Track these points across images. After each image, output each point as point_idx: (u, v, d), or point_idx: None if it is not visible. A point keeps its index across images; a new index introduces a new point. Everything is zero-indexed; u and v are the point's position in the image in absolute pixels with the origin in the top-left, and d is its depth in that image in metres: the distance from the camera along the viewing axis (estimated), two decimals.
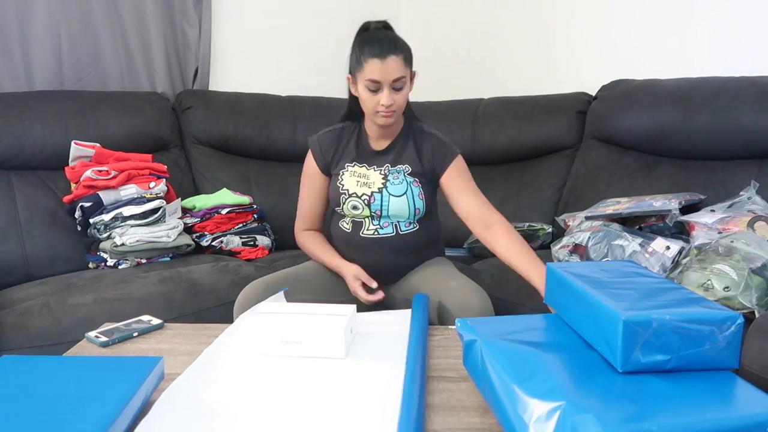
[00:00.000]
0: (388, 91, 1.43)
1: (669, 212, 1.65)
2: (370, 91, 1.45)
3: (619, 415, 0.69)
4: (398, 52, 1.43)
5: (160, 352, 1.18)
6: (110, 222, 1.88)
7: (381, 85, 1.43)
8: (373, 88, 1.44)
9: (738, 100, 1.85)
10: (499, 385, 0.83)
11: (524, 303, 1.68)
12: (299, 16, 2.75)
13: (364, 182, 1.55)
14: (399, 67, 1.43)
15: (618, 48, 2.36)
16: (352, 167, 1.57)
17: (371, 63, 1.42)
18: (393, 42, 1.45)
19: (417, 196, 1.53)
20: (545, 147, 2.33)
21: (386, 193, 1.53)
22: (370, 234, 1.55)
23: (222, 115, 2.39)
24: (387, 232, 1.55)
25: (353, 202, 1.54)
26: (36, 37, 2.16)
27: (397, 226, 1.56)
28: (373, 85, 1.43)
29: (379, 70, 1.42)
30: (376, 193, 1.53)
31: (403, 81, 1.45)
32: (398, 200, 1.52)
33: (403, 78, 1.45)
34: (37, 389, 0.88)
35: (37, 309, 1.55)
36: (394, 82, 1.43)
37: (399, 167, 1.55)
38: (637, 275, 0.97)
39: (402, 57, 1.44)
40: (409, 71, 1.49)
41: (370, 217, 1.55)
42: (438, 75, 3.01)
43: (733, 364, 0.79)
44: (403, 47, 1.46)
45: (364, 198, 1.53)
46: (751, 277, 1.31)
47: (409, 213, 1.53)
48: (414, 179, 1.54)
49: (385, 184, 1.53)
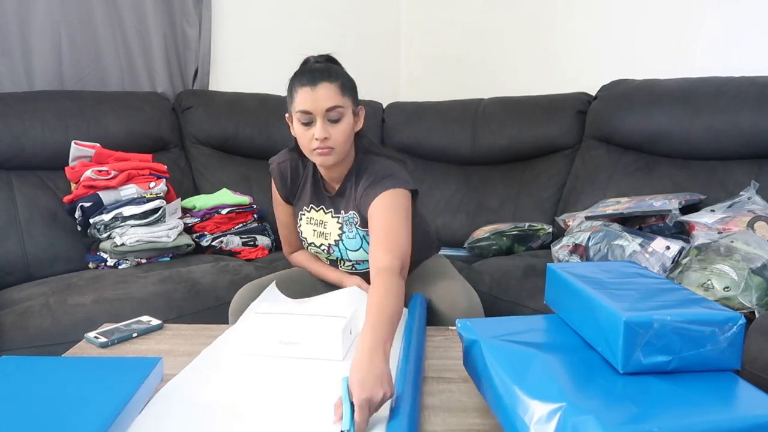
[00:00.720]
0: (321, 122, 1.29)
1: (669, 212, 1.65)
2: (302, 124, 1.31)
3: (620, 416, 0.69)
4: (332, 80, 1.30)
5: (160, 352, 1.18)
6: (110, 222, 1.88)
7: (313, 117, 1.29)
8: (305, 120, 1.30)
9: (738, 100, 1.85)
10: (499, 386, 0.82)
11: (525, 303, 1.68)
12: (299, 17, 2.75)
13: (320, 232, 1.48)
14: (332, 95, 1.29)
15: (618, 48, 2.36)
16: (308, 212, 1.50)
17: (301, 92, 1.29)
18: (327, 71, 1.32)
19: None
20: (545, 147, 2.33)
21: (342, 246, 1.47)
22: (348, 269, 1.52)
23: (222, 115, 2.39)
24: (364, 268, 1.49)
25: (314, 250, 1.52)
26: (36, 37, 2.15)
27: None
28: (305, 117, 1.30)
29: (309, 99, 1.28)
30: (333, 246, 1.48)
31: (339, 111, 1.30)
32: (356, 253, 1.46)
33: (339, 108, 1.29)
34: (37, 389, 0.88)
35: (37, 309, 1.55)
36: (328, 112, 1.29)
37: (350, 215, 1.43)
38: (637, 275, 0.97)
39: (337, 84, 1.30)
40: (350, 103, 1.33)
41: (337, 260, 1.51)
42: (438, 75, 3.02)
43: (735, 364, 0.79)
44: (339, 76, 1.32)
45: (323, 248, 1.50)
46: (751, 277, 1.31)
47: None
48: (365, 230, 1.43)
49: (340, 236, 1.45)
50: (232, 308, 1.47)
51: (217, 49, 2.58)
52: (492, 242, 2.08)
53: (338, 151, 1.33)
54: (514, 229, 2.09)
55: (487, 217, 2.28)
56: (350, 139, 1.36)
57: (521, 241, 2.09)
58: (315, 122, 1.30)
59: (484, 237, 2.09)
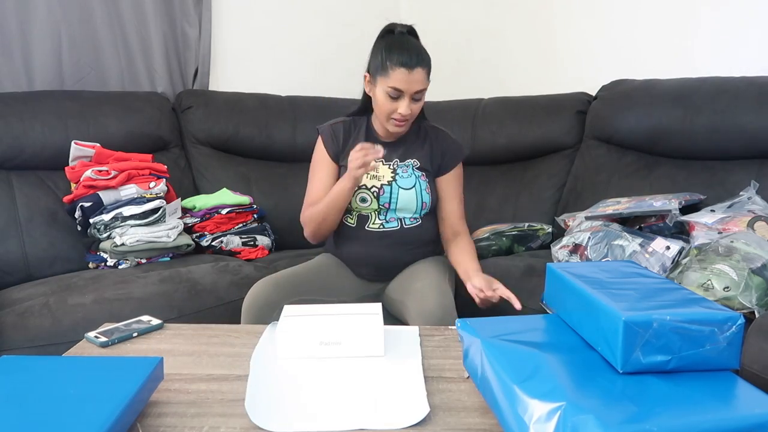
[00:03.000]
0: (408, 101, 1.45)
1: (669, 212, 1.64)
2: (390, 97, 1.46)
3: (619, 415, 0.69)
4: (424, 65, 1.45)
5: (160, 352, 1.18)
6: (110, 222, 1.88)
7: (403, 95, 1.44)
8: (394, 96, 1.45)
9: (738, 100, 1.85)
10: (499, 386, 0.83)
11: (525, 303, 1.68)
12: (299, 16, 2.75)
13: (373, 174, 1.56)
14: (423, 80, 1.45)
15: (618, 48, 2.36)
16: None
17: (398, 71, 1.42)
18: (421, 53, 1.46)
19: (425, 190, 1.56)
20: (545, 147, 2.33)
21: (395, 185, 1.54)
22: (375, 228, 1.56)
23: (222, 115, 2.39)
24: (392, 226, 1.57)
25: (362, 194, 1.55)
26: (36, 37, 2.15)
27: (402, 221, 1.57)
28: (395, 93, 1.44)
29: (405, 80, 1.42)
30: (386, 186, 1.54)
31: (423, 93, 1.48)
32: (407, 193, 1.54)
33: (424, 90, 1.48)
34: (37, 389, 0.88)
35: (37, 309, 1.55)
36: (416, 93, 1.45)
37: (408, 161, 1.57)
38: (637, 275, 0.97)
39: (427, 70, 1.46)
40: (428, 83, 1.51)
41: (377, 210, 1.56)
42: (438, 75, 3.00)
43: (734, 364, 0.79)
44: (428, 60, 1.48)
45: (373, 190, 1.54)
46: (751, 277, 1.31)
47: (416, 206, 1.55)
48: (422, 173, 1.57)
49: (394, 177, 1.55)
50: (245, 306, 1.46)
51: (217, 49, 2.58)
52: (492, 242, 2.07)
53: (410, 122, 1.52)
54: (513, 230, 2.09)
55: (487, 217, 2.28)
56: None
57: (521, 241, 2.09)
58: (402, 98, 1.45)
59: (483, 237, 2.09)
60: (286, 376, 1.07)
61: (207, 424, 0.91)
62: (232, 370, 1.10)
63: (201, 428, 0.90)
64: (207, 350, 1.20)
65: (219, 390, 1.03)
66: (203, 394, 1.01)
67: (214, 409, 0.96)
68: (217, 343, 1.23)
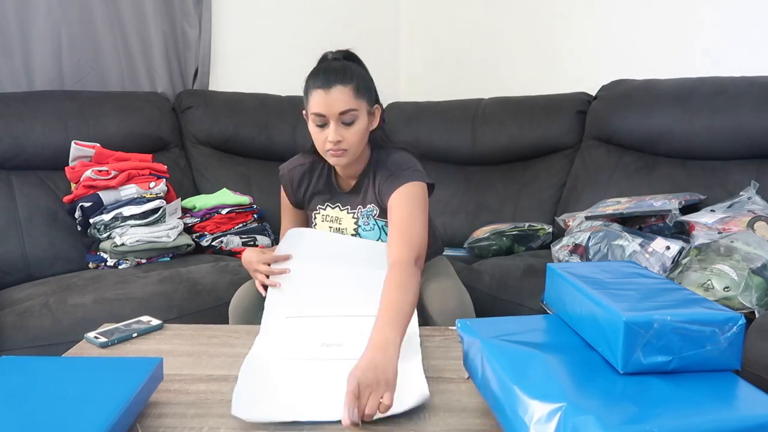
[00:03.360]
0: (334, 126, 1.30)
1: (669, 212, 1.65)
2: (317, 126, 1.33)
3: (620, 416, 0.69)
4: (346, 82, 1.29)
5: (160, 352, 1.18)
6: (110, 222, 1.88)
7: (327, 119, 1.30)
8: (319, 123, 1.32)
9: (738, 100, 1.85)
10: (499, 386, 0.83)
11: (525, 303, 1.68)
12: (299, 16, 2.75)
13: (336, 228, 1.49)
14: (346, 99, 1.29)
15: (618, 48, 2.36)
16: (324, 210, 1.51)
17: (315, 94, 1.30)
18: (342, 71, 1.31)
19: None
20: (545, 147, 2.33)
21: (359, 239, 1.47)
22: None
23: (222, 115, 2.39)
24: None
25: None
26: (36, 37, 2.15)
27: None
28: (319, 120, 1.31)
29: (322, 102, 1.29)
30: None
31: (353, 114, 1.31)
32: None
33: (353, 111, 1.31)
34: (37, 389, 0.88)
35: (37, 309, 1.55)
36: (342, 115, 1.30)
37: (368, 209, 1.47)
38: (637, 276, 0.97)
39: (351, 87, 1.30)
40: (365, 104, 1.34)
41: None
42: (438, 75, 3.02)
43: (735, 365, 0.79)
44: (354, 77, 1.32)
45: None
46: (751, 277, 1.31)
47: None
48: (384, 221, 1.45)
49: (357, 230, 1.47)
50: (232, 307, 1.47)
51: (217, 49, 2.58)
52: (492, 242, 2.08)
53: (351, 152, 1.35)
54: (514, 229, 2.09)
55: (487, 217, 2.28)
56: (364, 140, 1.38)
57: (521, 241, 2.09)
58: (329, 125, 1.31)
59: (484, 237, 2.09)
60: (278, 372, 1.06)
61: (207, 425, 0.91)
62: (232, 370, 1.10)
63: (201, 428, 0.90)
64: (207, 350, 1.20)
65: (219, 390, 1.02)
66: (203, 394, 1.01)
67: (214, 409, 0.96)
68: (217, 344, 1.23)
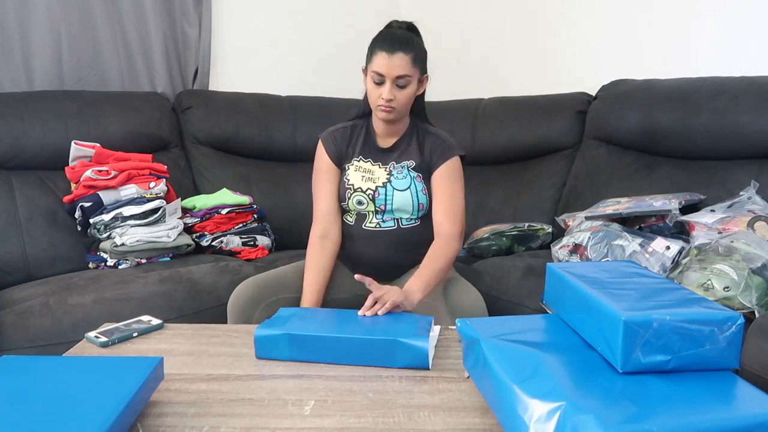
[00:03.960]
0: (390, 86, 1.45)
1: (669, 212, 1.65)
2: (374, 83, 1.48)
3: (619, 415, 0.69)
4: (407, 51, 1.45)
5: (160, 352, 1.18)
6: (110, 222, 1.88)
7: (384, 79, 1.45)
8: (377, 81, 1.47)
9: (738, 100, 1.85)
10: (499, 386, 0.83)
11: (525, 303, 1.68)
12: (299, 16, 2.75)
13: (368, 177, 1.57)
14: (405, 65, 1.45)
15: (618, 48, 2.36)
16: (357, 162, 1.59)
17: (379, 56, 1.45)
18: (405, 40, 1.47)
19: (420, 191, 1.55)
20: (545, 147, 2.33)
21: (390, 187, 1.55)
22: (372, 227, 1.57)
23: (222, 115, 2.39)
24: (388, 226, 1.57)
25: (358, 197, 1.56)
26: (36, 37, 2.16)
27: (399, 221, 1.57)
28: (378, 78, 1.46)
29: (384, 64, 1.44)
30: (381, 188, 1.55)
31: (407, 80, 1.46)
32: (402, 194, 1.54)
33: (408, 77, 1.46)
34: (37, 389, 0.88)
35: (37, 309, 1.55)
36: (398, 78, 1.45)
37: (403, 162, 1.57)
38: (637, 275, 0.97)
39: (411, 56, 1.45)
40: (418, 72, 1.49)
41: (374, 211, 1.57)
42: (438, 75, 3.00)
43: (734, 364, 0.79)
44: (414, 48, 1.47)
45: (368, 192, 1.55)
46: (751, 277, 1.31)
47: (412, 207, 1.55)
48: (417, 174, 1.56)
49: (389, 179, 1.56)
50: (230, 305, 1.48)
51: (217, 49, 2.58)
52: (492, 242, 2.08)
53: (399, 111, 1.50)
54: (514, 230, 2.09)
55: (487, 217, 2.28)
56: (410, 103, 1.53)
57: (521, 242, 2.09)
58: (385, 84, 1.46)
59: (484, 237, 2.09)
60: None
61: (207, 424, 0.91)
62: (232, 370, 1.10)
63: (201, 428, 0.91)
64: (207, 350, 1.20)
65: (219, 390, 1.03)
66: (203, 394, 1.01)
67: (214, 409, 0.96)
68: (217, 343, 1.23)
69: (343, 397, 1.00)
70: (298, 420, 0.93)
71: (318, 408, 0.97)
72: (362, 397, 1.00)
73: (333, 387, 1.04)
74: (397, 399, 0.99)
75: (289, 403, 0.98)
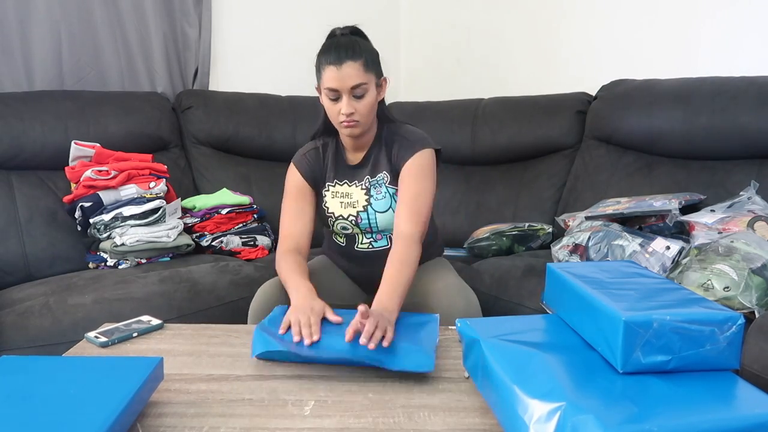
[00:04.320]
0: (347, 99, 1.37)
1: (669, 212, 1.65)
2: (330, 100, 1.40)
3: (619, 415, 0.69)
4: (356, 58, 1.36)
5: (160, 352, 1.18)
6: (110, 222, 1.88)
7: (339, 93, 1.38)
8: (333, 97, 1.39)
9: (738, 100, 1.85)
10: (499, 386, 0.83)
11: (525, 303, 1.68)
12: (299, 16, 2.75)
13: (347, 203, 1.51)
14: (357, 73, 1.36)
15: (619, 48, 2.36)
16: (333, 187, 1.53)
17: (328, 70, 1.37)
18: (351, 47, 1.38)
19: None
20: (545, 147, 2.33)
21: (371, 210, 1.49)
22: (365, 248, 1.54)
23: (222, 115, 2.39)
24: (382, 245, 1.53)
25: (342, 224, 1.52)
26: (36, 37, 2.15)
27: (390, 238, 1.52)
28: (332, 94, 1.38)
29: (335, 77, 1.36)
30: (362, 212, 1.49)
31: (363, 88, 1.38)
32: (384, 215, 1.49)
33: (363, 85, 1.37)
34: (37, 389, 0.88)
35: (37, 309, 1.55)
36: (353, 89, 1.37)
37: (378, 177, 1.49)
38: (637, 275, 0.97)
39: (361, 62, 1.37)
40: (373, 77, 1.41)
41: (362, 233, 1.53)
42: (438, 75, 3.02)
43: (734, 364, 0.79)
44: (363, 52, 1.39)
45: (350, 219, 1.50)
46: (751, 277, 1.31)
47: None
48: (395, 188, 1.48)
49: (368, 200, 1.49)
50: (253, 307, 1.44)
51: (217, 49, 2.58)
52: (492, 242, 2.08)
53: (363, 123, 1.42)
54: (513, 229, 2.09)
55: (487, 217, 2.29)
56: (374, 111, 1.45)
57: (521, 241, 2.09)
58: (341, 98, 1.38)
59: (483, 237, 2.09)
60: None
61: (207, 424, 0.91)
62: (232, 370, 1.10)
63: (201, 428, 0.91)
64: (207, 350, 1.20)
65: (219, 390, 1.03)
66: (203, 394, 1.01)
67: (214, 409, 0.96)
68: (217, 343, 1.23)
69: (343, 397, 1.00)
70: (298, 420, 0.93)
71: (318, 408, 0.97)
72: (362, 397, 1.00)
73: (333, 387, 1.04)
74: (397, 399, 0.99)
75: (289, 404, 0.98)
